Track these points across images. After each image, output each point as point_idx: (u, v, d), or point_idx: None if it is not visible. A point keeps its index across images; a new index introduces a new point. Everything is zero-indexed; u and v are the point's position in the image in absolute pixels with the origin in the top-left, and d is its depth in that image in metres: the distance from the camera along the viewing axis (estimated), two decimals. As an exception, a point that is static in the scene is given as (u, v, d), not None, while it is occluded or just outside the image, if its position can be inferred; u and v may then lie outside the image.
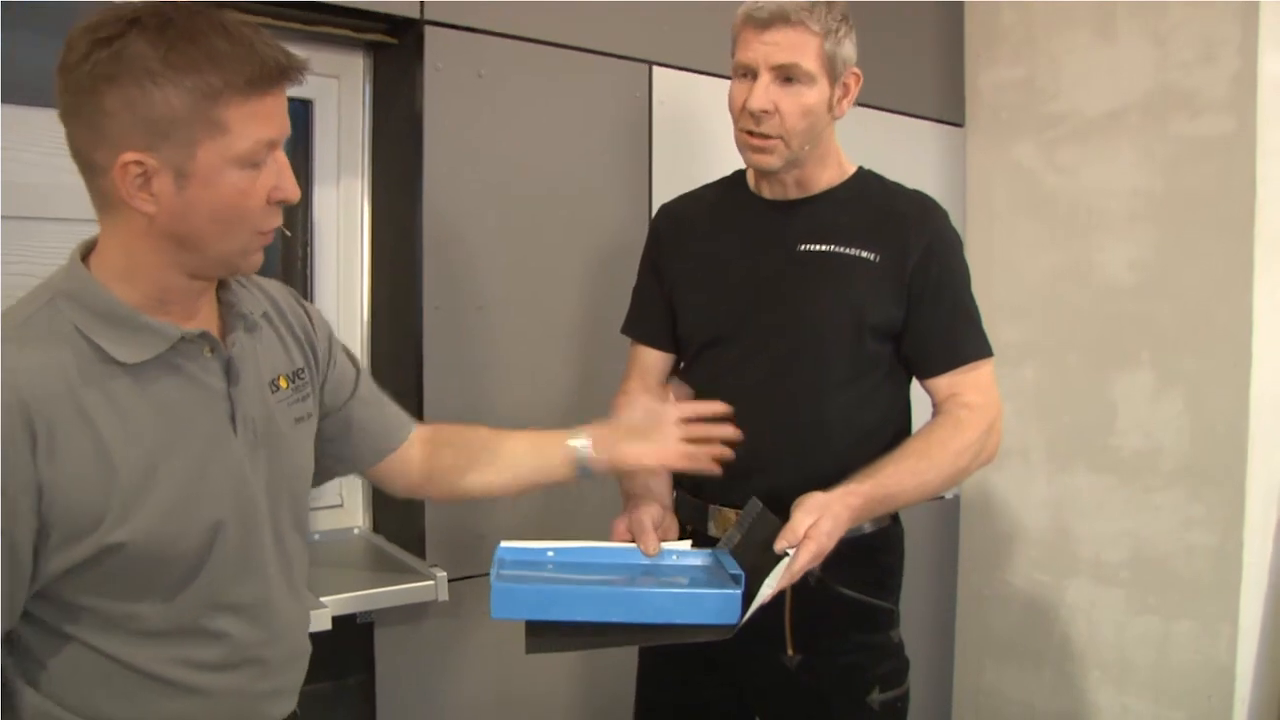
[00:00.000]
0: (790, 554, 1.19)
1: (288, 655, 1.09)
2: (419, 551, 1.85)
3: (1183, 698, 2.27)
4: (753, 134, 1.38)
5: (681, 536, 1.39)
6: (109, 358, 0.91)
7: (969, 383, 1.42)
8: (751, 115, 1.36)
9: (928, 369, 1.44)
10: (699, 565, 1.30)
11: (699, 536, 1.43)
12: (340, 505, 2.01)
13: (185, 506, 0.95)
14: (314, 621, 1.53)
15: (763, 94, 1.35)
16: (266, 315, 1.10)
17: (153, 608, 0.96)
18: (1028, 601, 2.58)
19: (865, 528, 1.41)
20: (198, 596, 0.98)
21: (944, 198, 2.51)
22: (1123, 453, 2.37)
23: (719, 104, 1.45)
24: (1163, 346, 2.30)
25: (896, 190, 1.50)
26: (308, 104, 1.94)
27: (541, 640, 1.18)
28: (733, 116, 1.41)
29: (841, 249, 1.41)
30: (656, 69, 2.09)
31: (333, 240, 1.98)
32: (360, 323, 2.00)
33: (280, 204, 0.96)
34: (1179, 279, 2.27)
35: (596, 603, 1.18)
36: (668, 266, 1.54)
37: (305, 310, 1.19)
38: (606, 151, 2.06)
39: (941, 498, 2.66)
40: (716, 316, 1.47)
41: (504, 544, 1.29)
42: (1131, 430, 2.36)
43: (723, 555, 1.28)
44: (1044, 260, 2.52)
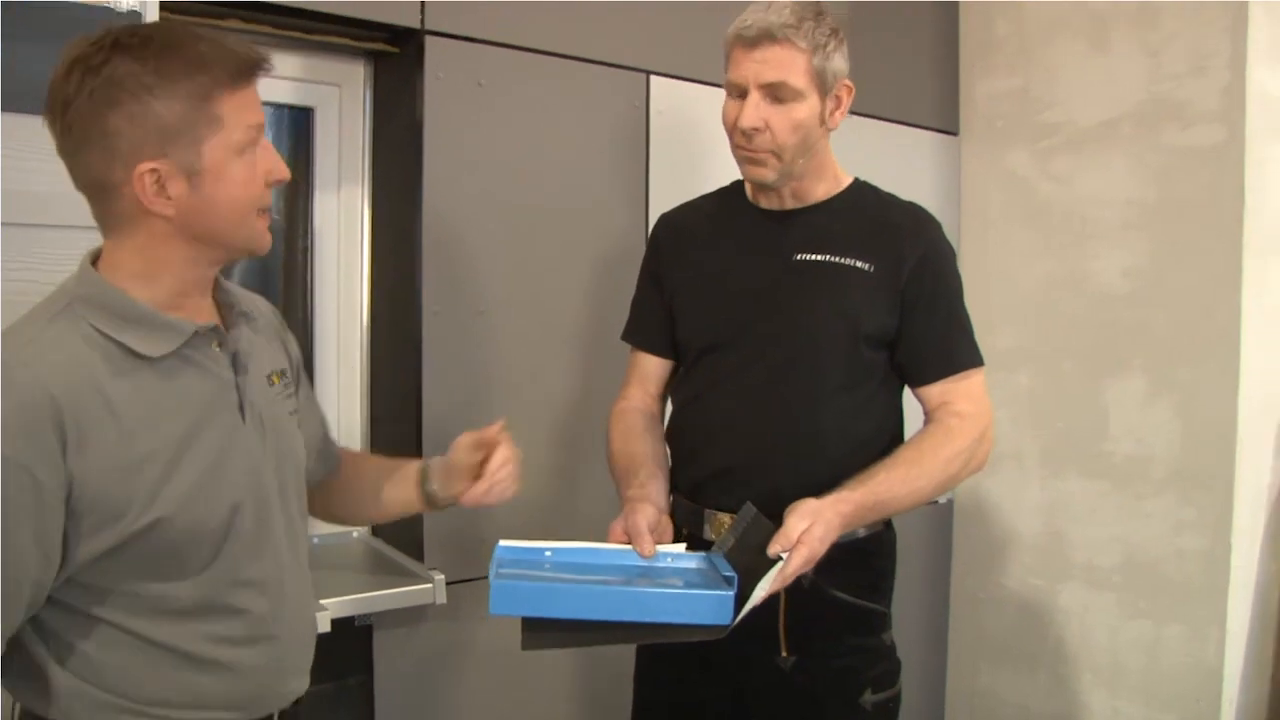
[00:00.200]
0: (783, 558, 1.22)
1: (299, 632, 1.14)
2: (417, 555, 1.87)
3: (1173, 701, 2.29)
4: (746, 149, 1.41)
5: (677, 540, 1.41)
6: (132, 353, 0.97)
7: (960, 391, 1.45)
8: (743, 133, 1.39)
9: (920, 377, 1.47)
10: (693, 567, 1.32)
11: (695, 540, 1.44)
12: (340, 508, 2.02)
13: (208, 489, 1.01)
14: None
15: (753, 112, 1.38)
16: (258, 316, 1.18)
17: (181, 587, 1.01)
18: (1021, 605, 2.60)
19: (859, 532, 1.43)
20: (221, 574, 1.03)
21: (939, 206, 2.56)
22: (1115, 458, 2.40)
23: (716, 113, 1.47)
24: (1154, 354, 2.33)
25: (891, 201, 1.52)
26: (309, 112, 1.96)
27: (537, 637, 1.21)
28: (727, 132, 1.44)
29: (837, 259, 1.44)
30: (654, 78, 2.11)
31: (333, 246, 2.00)
32: (360, 327, 2.02)
33: (275, 184, 1.04)
34: (1171, 287, 2.29)
35: (592, 601, 1.20)
36: (667, 275, 1.57)
37: (286, 327, 1.26)
38: (605, 159, 2.08)
39: (936, 502, 2.68)
40: (715, 324, 1.49)
41: (503, 543, 1.31)
42: (1124, 436, 2.38)
43: (716, 558, 1.30)
44: (1038, 268, 2.55)
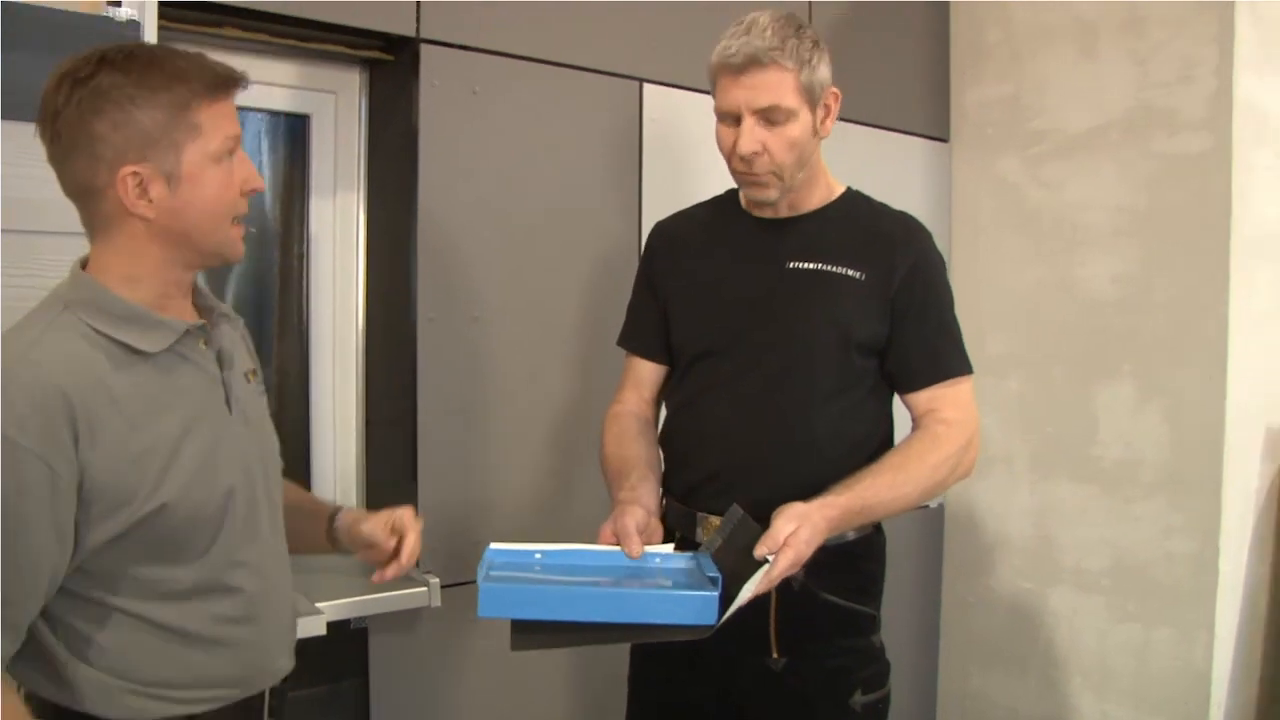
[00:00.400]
0: (770, 560, 1.23)
1: (284, 612, 1.21)
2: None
3: (1162, 704, 2.31)
4: (747, 173, 1.43)
5: (670, 542, 1.43)
6: (130, 349, 1.03)
7: (948, 398, 1.46)
8: (742, 158, 1.41)
9: (908, 383, 1.49)
10: (680, 568, 1.33)
11: (687, 544, 1.46)
12: (335, 513, 2.04)
13: (205, 476, 1.07)
14: (309, 627, 1.56)
15: (749, 138, 1.39)
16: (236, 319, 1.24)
17: (182, 569, 1.07)
18: (1011, 608, 2.62)
19: (849, 535, 1.45)
20: (219, 556, 1.09)
21: (930, 212, 2.58)
22: (1104, 463, 2.42)
23: (709, 120, 1.48)
24: (1143, 359, 2.35)
25: (883, 211, 1.54)
26: (305, 119, 1.98)
27: (526, 638, 1.23)
28: (724, 157, 1.45)
29: (829, 267, 1.46)
30: (647, 86, 2.13)
31: (329, 252, 2.01)
32: (356, 333, 2.04)
33: (250, 193, 1.10)
34: (1159, 293, 2.32)
35: (578, 602, 1.22)
36: (662, 282, 1.58)
37: (249, 336, 1.30)
38: (598, 166, 2.09)
39: (927, 506, 2.70)
40: (710, 331, 1.51)
41: (493, 545, 1.33)
42: (1113, 441, 2.40)
43: (703, 559, 1.32)
44: (1028, 274, 2.57)
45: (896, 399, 1.54)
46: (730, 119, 1.42)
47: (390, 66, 1.94)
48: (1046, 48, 2.52)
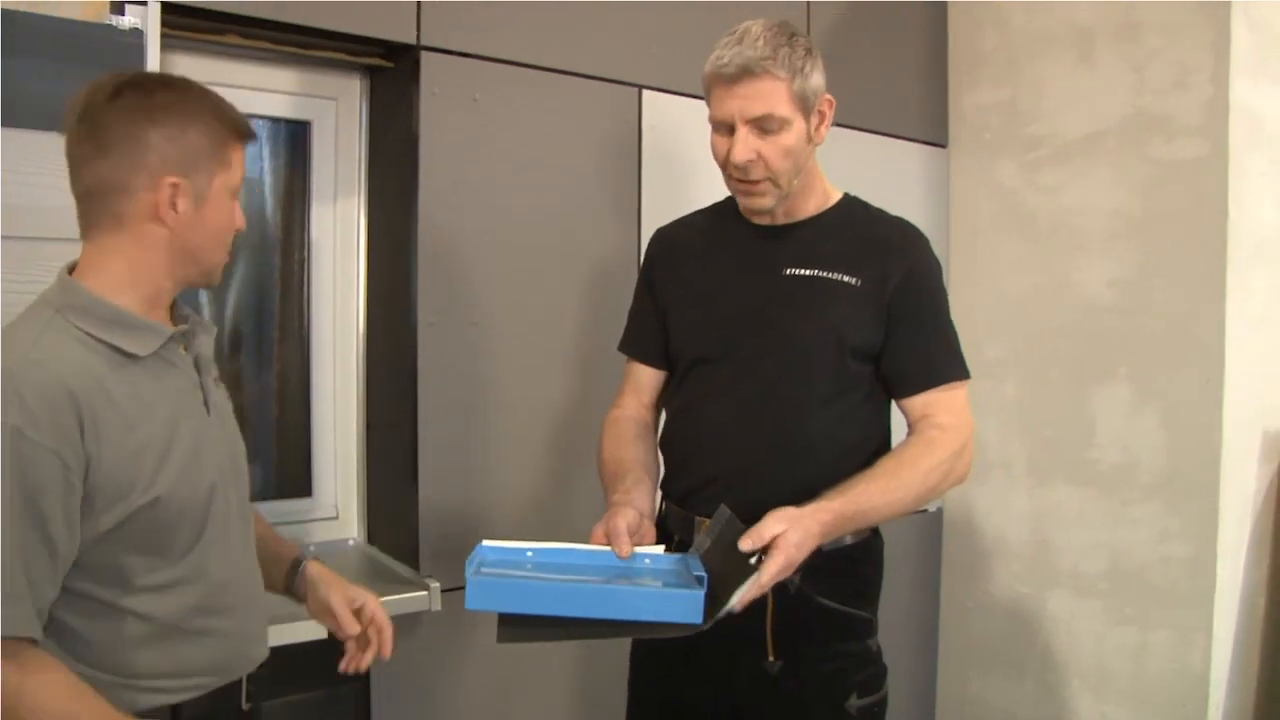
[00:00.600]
0: (761, 560, 1.24)
1: (258, 602, 1.27)
2: (413, 563, 1.89)
3: (1159, 707, 2.32)
4: (743, 182, 1.44)
5: (669, 546, 1.44)
6: (123, 352, 1.09)
7: (942, 404, 1.47)
8: (737, 167, 1.42)
9: (904, 389, 1.49)
10: (668, 568, 1.35)
11: (686, 547, 1.47)
12: (336, 517, 2.05)
13: (193, 471, 1.14)
14: (309, 630, 1.57)
15: (743, 147, 1.40)
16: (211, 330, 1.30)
17: (170, 562, 1.12)
18: (1009, 612, 2.63)
19: (846, 539, 1.46)
20: (202, 548, 1.15)
21: (928, 217, 2.60)
22: (1101, 466, 2.43)
23: (707, 126, 1.49)
24: (1140, 363, 2.36)
25: (879, 217, 1.55)
26: (306, 125, 1.99)
27: (512, 631, 1.25)
28: (720, 166, 1.46)
29: (825, 274, 1.46)
30: (646, 92, 2.14)
31: (330, 258, 2.03)
32: (356, 338, 2.05)
33: (239, 232, 1.22)
34: (1156, 297, 2.33)
35: (563, 598, 1.24)
36: (661, 288, 1.60)
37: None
38: (597, 173, 2.11)
39: (925, 511, 2.71)
40: (707, 337, 1.52)
41: (486, 542, 1.35)
42: (1110, 444, 2.41)
43: (691, 560, 1.33)
44: (1025, 278, 2.58)
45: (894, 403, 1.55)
46: (724, 128, 1.43)
47: (391, 73, 1.95)
48: (1044, 53, 2.53)
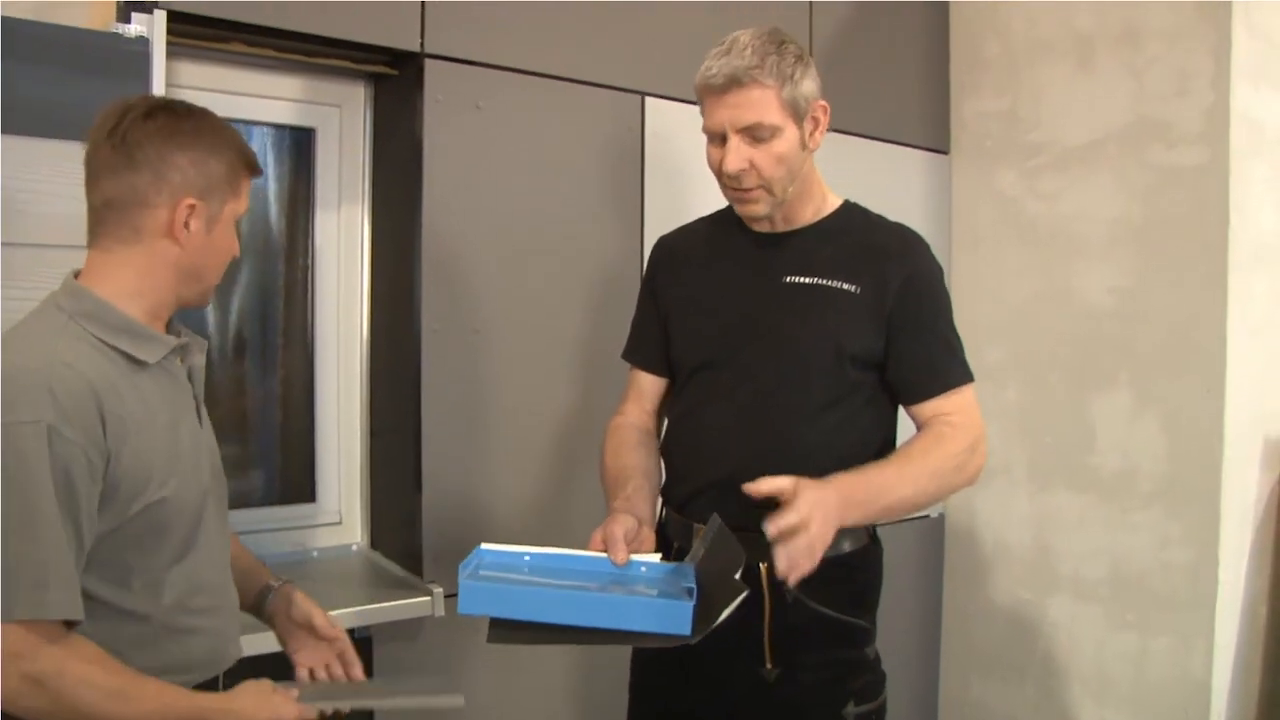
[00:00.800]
0: (759, 568, 1.24)
1: (232, 602, 1.31)
2: (416, 568, 1.90)
3: (1161, 713, 2.32)
4: (737, 190, 1.45)
5: (668, 553, 1.44)
6: (132, 359, 1.14)
7: (951, 406, 1.47)
8: (730, 175, 1.43)
9: (911, 396, 1.50)
10: (662, 577, 1.35)
11: (684, 554, 1.47)
12: (339, 523, 2.06)
13: (190, 475, 1.19)
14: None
15: (735, 156, 1.41)
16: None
17: (170, 562, 1.16)
18: (1010, 618, 2.63)
19: (844, 546, 1.46)
20: (196, 549, 1.20)
21: (929, 223, 2.60)
22: (1102, 472, 2.43)
23: (710, 134, 1.51)
24: (1141, 369, 2.36)
25: (879, 223, 1.55)
26: (310, 132, 2.00)
27: (503, 633, 1.26)
28: (715, 175, 1.47)
29: (824, 281, 1.47)
30: (649, 100, 2.15)
31: (334, 264, 2.04)
32: (360, 344, 2.06)
33: (234, 258, 1.27)
34: (1156, 303, 2.33)
35: (553, 605, 1.25)
36: (663, 296, 1.61)
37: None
38: (601, 180, 2.12)
39: (927, 516, 2.72)
40: (708, 344, 1.53)
41: (484, 546, 1.36)
42: (1110, 450, 2.42)
43: (686, 569, 1.33)
44: (1026, 284, 2.59)
45: (900, 410, 1.55)
46: (717, 138, 1.44)
47: (395, 81, 1.97)
48: (1044, 60, 2.54)
